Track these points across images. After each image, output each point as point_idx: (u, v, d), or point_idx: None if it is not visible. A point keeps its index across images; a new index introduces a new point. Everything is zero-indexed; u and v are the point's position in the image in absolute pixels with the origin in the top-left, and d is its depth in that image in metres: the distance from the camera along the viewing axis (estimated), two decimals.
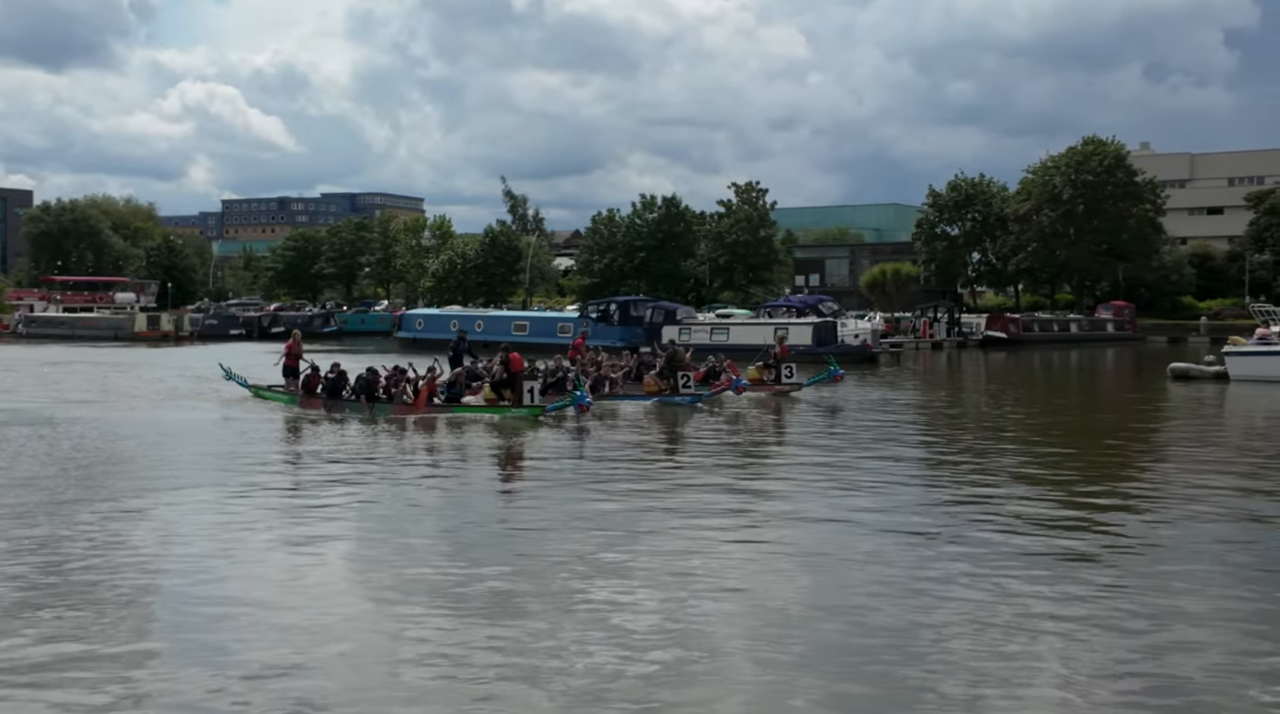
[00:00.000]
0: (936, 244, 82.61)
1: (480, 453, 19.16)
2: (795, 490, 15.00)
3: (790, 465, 17.29)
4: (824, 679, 7.52)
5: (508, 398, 23.38)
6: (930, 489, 15.52)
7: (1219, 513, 13.39)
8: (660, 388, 26.42)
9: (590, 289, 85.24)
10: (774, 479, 16.12)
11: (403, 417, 22.93)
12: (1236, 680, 7.38)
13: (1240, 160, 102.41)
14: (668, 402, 25.74)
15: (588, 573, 10.25)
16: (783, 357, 30.60)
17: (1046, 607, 9.10)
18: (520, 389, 23.14)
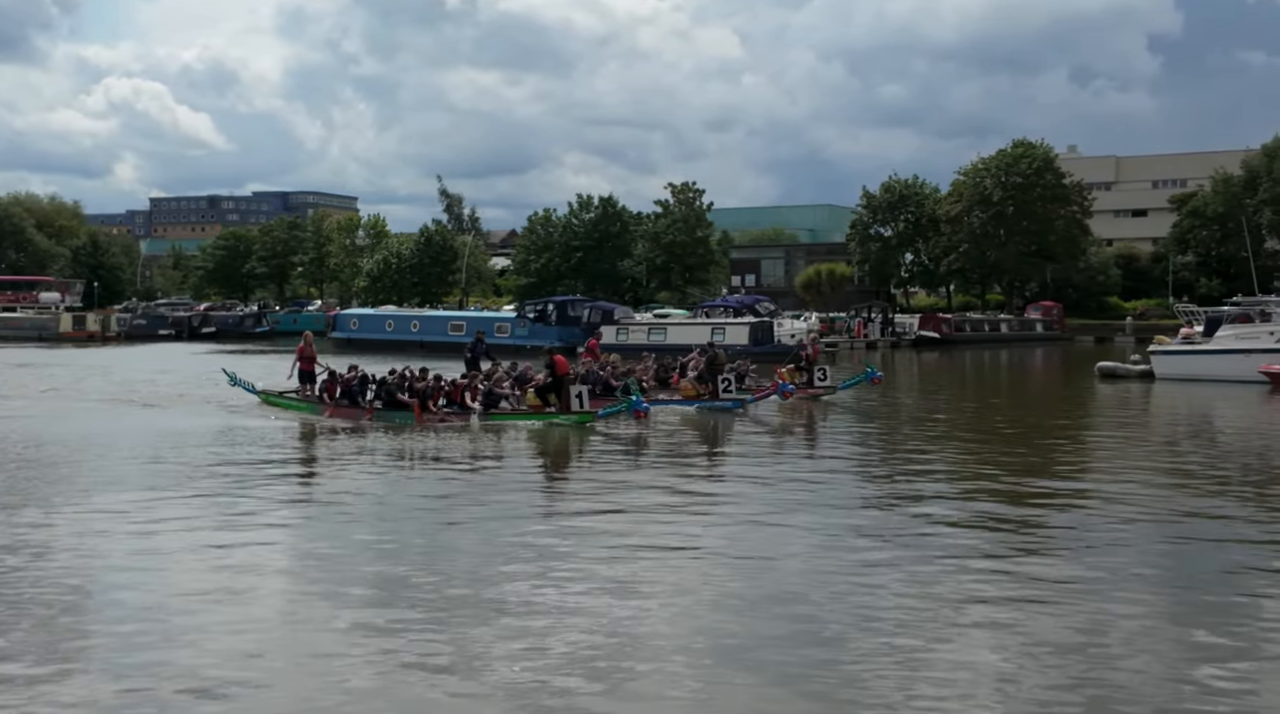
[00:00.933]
0: (870, 245, 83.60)
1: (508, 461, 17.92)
2: (732, 493, 15.09)
3: (732, 470, 17.37)
4: (760, 678, 7.58)
5: (554, 404, 21.95)
6: (864, 487, 15.70)
7: (1146, 510, 13.70)
8: (699, 392, 24.80)
9: (527, 289, 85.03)
10: (728, 483, 16.19)
11: (434, 424, 21.30)
12: (1164, 673, 7.55)
13: (1164, 163, 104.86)
14: (708, 407, 24.28)
15: (538, 578, 10.21)
16: (814, 358, 28.56)
17: (981, 608, 9.24)
18: (567, 394, 21.62)
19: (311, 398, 23.84)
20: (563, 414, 21.46)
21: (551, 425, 21.19)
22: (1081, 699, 7.08)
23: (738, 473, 16.65)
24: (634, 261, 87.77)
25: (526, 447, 19.37)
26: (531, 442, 19.83)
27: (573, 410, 21.43)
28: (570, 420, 21.23)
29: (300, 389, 24.34)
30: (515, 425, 21.22)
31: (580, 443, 19.68)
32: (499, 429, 20.85)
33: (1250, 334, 34.16)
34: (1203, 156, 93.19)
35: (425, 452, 18.75)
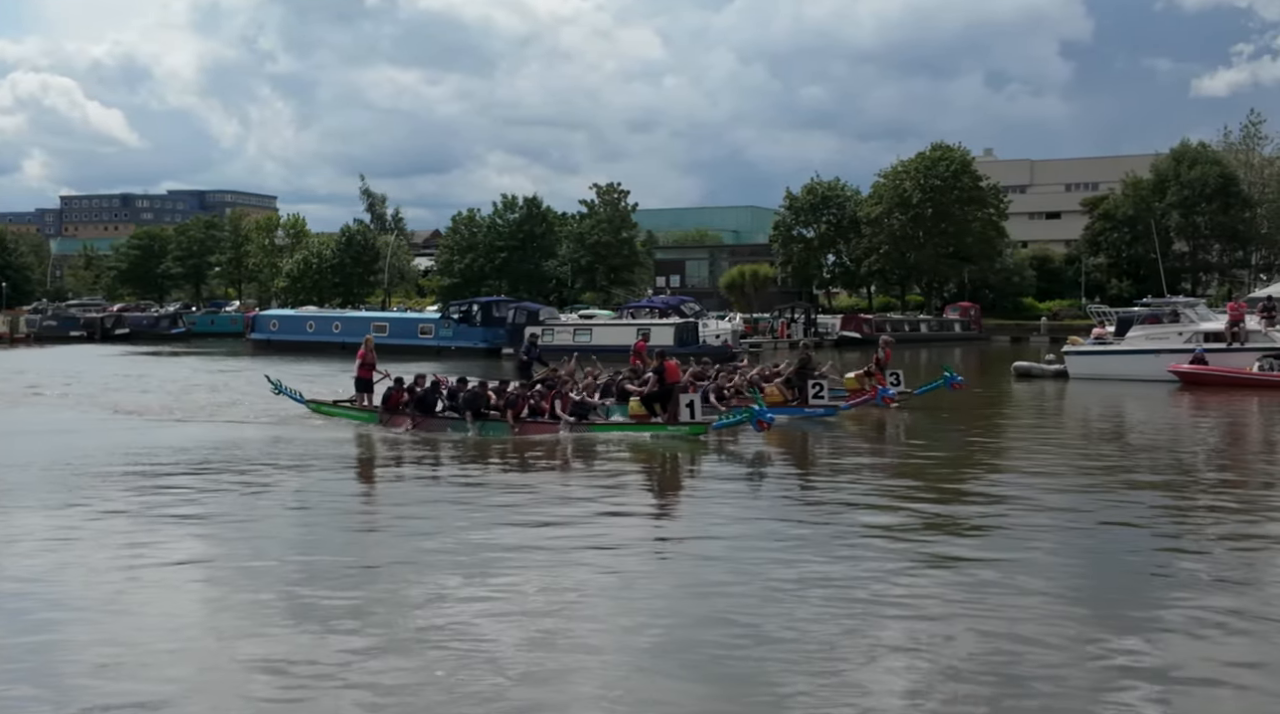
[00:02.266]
0: (793, 246, 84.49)
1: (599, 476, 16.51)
2: (662, 507, 15.16)
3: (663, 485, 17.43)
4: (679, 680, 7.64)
5: (661, 414, 20.02)
6: (782, 487, 15.87)
7: (1060, 507, 14.06)
8: (786, 398, 22.64)
9: (451, 289, 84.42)
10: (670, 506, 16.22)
11: (531, 436, 19.59)
12: (1075, 670, 7.74)
13: (1076, 167, 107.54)
14: (800, 416, 22.33)
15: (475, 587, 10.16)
16: (887, 362, 26.38)
17: (896, 605, 9.41)
18: (677, 403, 19.68)
19: (371, 408, 21.91)
20: (671, 425, 19.66)
21: (658, 438, 19.46)
22: (1001, 694, 7.26)
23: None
24: (559, 262, 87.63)
25: (634, 461, 17.90)
26: (639, 456, 18.32)
27: (682, 421, 19.58)
28: (681, 432, 19.43)
29: (357, 398, 22.37)
30: (613, 437, 19.56)
31: (693, 457, 18.26)
32: (596, 442, 19.20)
33: (1160, 335, 35.18)
34: (1113, 160, 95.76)
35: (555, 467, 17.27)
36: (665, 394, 20.05)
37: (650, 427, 19.92)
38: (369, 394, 22.04)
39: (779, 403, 22.03)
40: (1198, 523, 13.02)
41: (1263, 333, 33.51)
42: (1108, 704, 7.04)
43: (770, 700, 7.18)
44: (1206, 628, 8.61)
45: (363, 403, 22.16)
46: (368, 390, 22.06)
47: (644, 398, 20.32)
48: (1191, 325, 35.01)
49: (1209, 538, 12.11)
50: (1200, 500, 14.42)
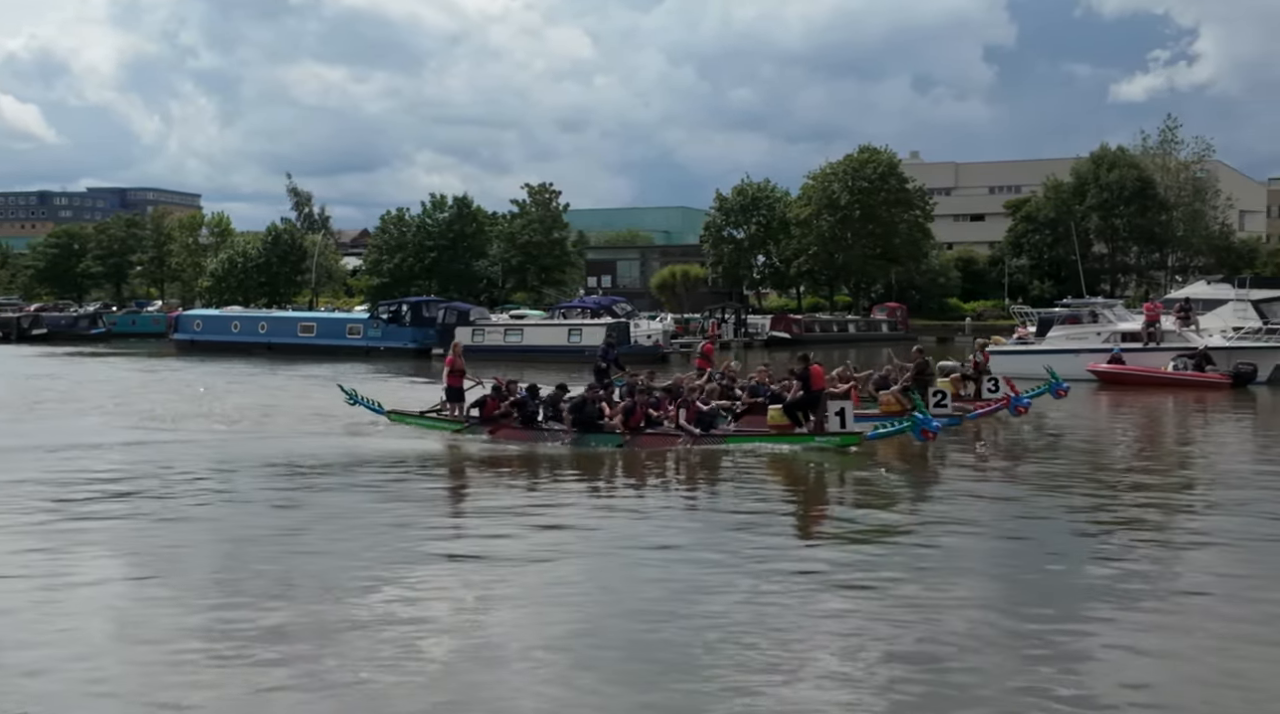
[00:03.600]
0: (723, 247, 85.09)
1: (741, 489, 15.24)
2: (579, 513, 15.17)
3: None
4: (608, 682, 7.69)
5: (806, 423, 18.29)
6: (710, 486, 15.97)
7: (983, 505, 14.36)
8: (905, 407, 20.67)
9: (380, 289, 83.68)
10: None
11: (651, 448, 18.08)
12: (998, 668, 7.93)
13: (1000, 170, 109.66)
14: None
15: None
16: (984, 366, 24.71)
17: (823, 602, 9.55)
18: (823, 410, 18.13)
19: (462, 418, 20.22)
20: (819, 435, 18.02)
21: (805, 449, 17.75)
22: (920, 696, 7.42)
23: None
24: (490, 262, 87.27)
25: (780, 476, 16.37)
26: (783, 470, 16.73)
27: (830, 431, 18.02)
28: (831, 443, 17.82)
29: (449, 408, 20.60)
30: (748, 449, 17.90)
31: (848, 470, 16.73)
32: (728, 454, 17.60)
33: (1079, 335, 36.02)
34: (1035, 163, 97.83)
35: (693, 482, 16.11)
36: (811, 401, 18.26)
37: (794, 438, 18.07)
38: (460, 403, 20.46)
39: (896, 412, 20.37)
40: (1114, 521, 13.36)
41: (1177, 333, 34.45)
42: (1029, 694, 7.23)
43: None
44: (1124, 628, 8.86)
45: (454, 413, 20.44)
46: (459, 399, 20.48)
47: (787, 406, 18.37)
48: (1109, 326, 35.90)
49: (1125, 535, 12.45)
50: (1116, 499, 14.79)
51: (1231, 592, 9.83)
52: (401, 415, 21.10)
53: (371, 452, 18.37)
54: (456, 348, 21.51)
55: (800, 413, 18.28)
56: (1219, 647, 8.24)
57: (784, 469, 16.74)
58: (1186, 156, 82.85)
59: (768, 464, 16.96)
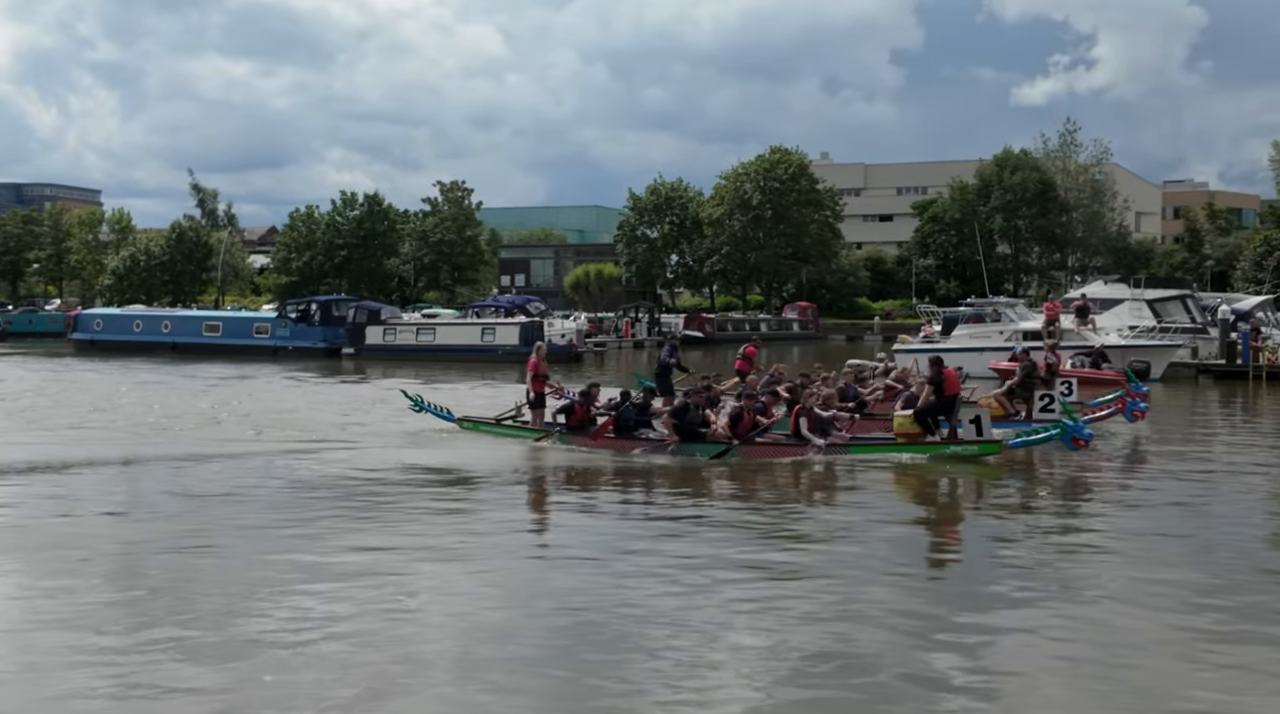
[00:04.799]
0: (637, 246, 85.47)
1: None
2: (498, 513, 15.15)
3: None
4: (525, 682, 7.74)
5: (937, 431, 17.03)
6: (617, 486, 16.08)
7: (885, 504, 14.70)
8: (1010, 412, 19.35)
9: (288, 288, 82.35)
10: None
11: (765, 459, 16.72)
12: (905, 663, 8.15)
13: (907, 172, 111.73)
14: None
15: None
16: (1056, 372, 22.90)
17: (738, 597, 9.70)
18: (955, 416, 16.88)
19: (545, 426, 18.93)
20: (954, 444, 16.68)
21: (939, 459, 16.49)
22: (840, 685, 7.60)
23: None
24: (401, 260, 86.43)
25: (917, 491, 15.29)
26: (915, 482, 15.69)
27: (966, 439, 16.60)
28: (969, 452, 16.46)
29: (532, 415, 19.37)
30: (873, 459, 16.57)
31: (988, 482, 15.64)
32: (855, 465, 16.28)
33: (983, 333, 36.90)
34: (941, 165, 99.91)
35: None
36: (945, 407, 16.98)
37: (925, 447, 16.78)
38: (541, 410, 19.34)
39: (1001, 416, 18.86)
40: (1011, 518, 13.77)
41: (1076, 332, 35.49)
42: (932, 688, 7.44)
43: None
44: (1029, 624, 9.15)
45: (536, 421, 19.21)
46: (541, 406, 19.35)
47: (918, 413, 17.10)
48: (1011, 324, 36.84)
49: (1024, 529, 12.85)
50: (1013, 497, 15.23)
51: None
52: (475, 423, 19.83)
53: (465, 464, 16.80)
54: (540, 351, 20.08)
55: (931, 419, 17.02)
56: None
57: (919, 480, 15.75)
58: (1085, 159, 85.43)
59: (902, 476, 15.93)
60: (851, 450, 16.82)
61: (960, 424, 16.77)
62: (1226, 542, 11.85)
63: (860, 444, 17.13)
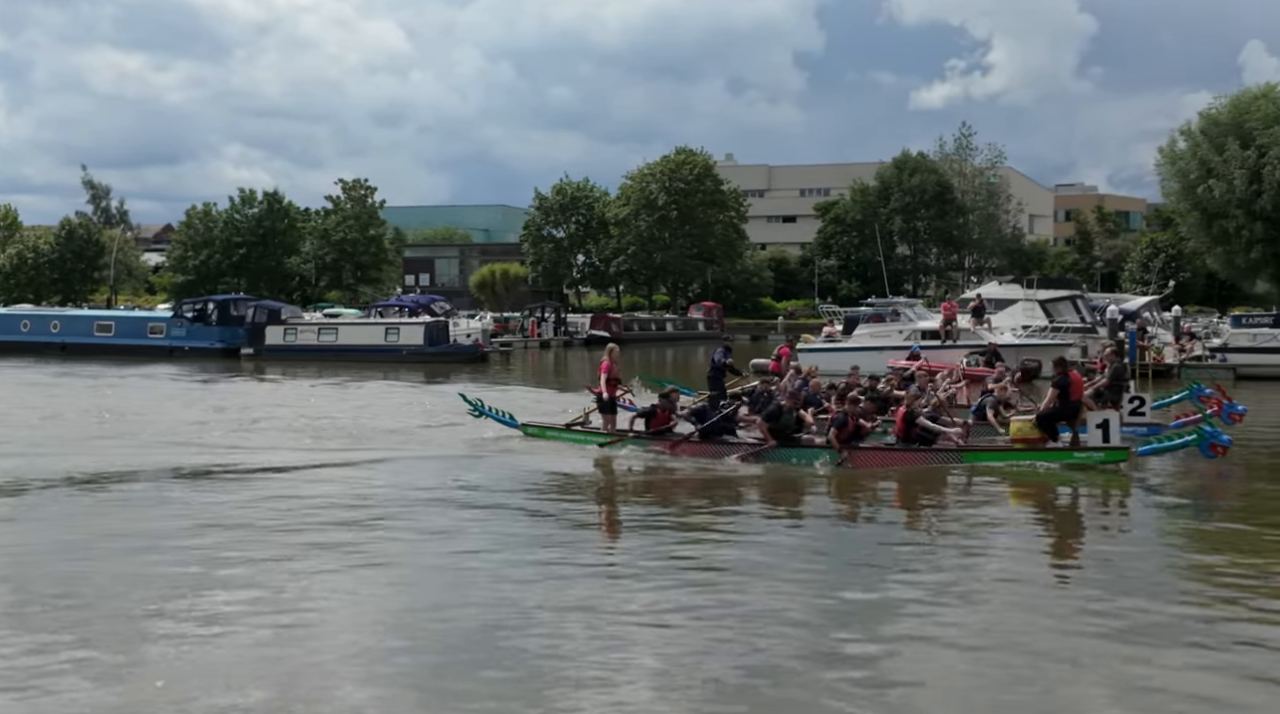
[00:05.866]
0: (543, 246, 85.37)
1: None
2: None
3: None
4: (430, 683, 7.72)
5: (1059, 438, 16.09)
6: (519, 483, 16.09)
7: (802, 505, 14.92)
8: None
9: (185, 287, 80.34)
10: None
11: (871, 467, 15.81)
12: (815, 667, 8.30)
13: (810, 173, 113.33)
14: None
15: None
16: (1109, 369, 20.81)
17: (644, 601, 9.79)
18: (1077, 421, 15.99)
19: (619, 431, 17.96)
20: (1079, 450, 15.81)
21: (1064, 467, 15.62)
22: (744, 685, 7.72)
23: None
24: (302, 259, 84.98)
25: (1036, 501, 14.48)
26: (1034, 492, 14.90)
27: (1092, 445, 15.74)
28: (1093, 460, 15.56)
29: (605, 420, 18.36)
30: (988, 467, 15.74)
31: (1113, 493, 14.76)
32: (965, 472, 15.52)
33: (882, 333, 37.65)
34: (843, 167, 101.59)
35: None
36: (1071, 412, 16.10)
37: (1047, 454, 15.92)
38: (613, 416, 18.43)
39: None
40: (916, 517, 14.09)
41: (971, 331, 36.42)
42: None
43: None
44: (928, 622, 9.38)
45: (608, 426, 18.21)
46: (613, 411, 18.43)
47: (1040, 417, 16.15)
48: (910, 324, 37.67)
49: (929, 527, 13.16)
50: (919, 495, 15.57)
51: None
52: (541, 429, 18.84)
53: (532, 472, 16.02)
54: (613, 353, 19.01)
55: (1054, 425, 16.12)
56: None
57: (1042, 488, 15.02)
58: (981, 163, 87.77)
59: (1025, 486, 15.14)
60: (965, 457, 15.93)
61: (1085, 429, 15.94)
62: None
63: (975, 450, 16.21)
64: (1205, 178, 60.25)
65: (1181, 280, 66.36)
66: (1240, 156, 59.02)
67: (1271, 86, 62.41)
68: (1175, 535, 12.58)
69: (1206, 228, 62.41)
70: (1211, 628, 8.56)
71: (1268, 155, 58.29)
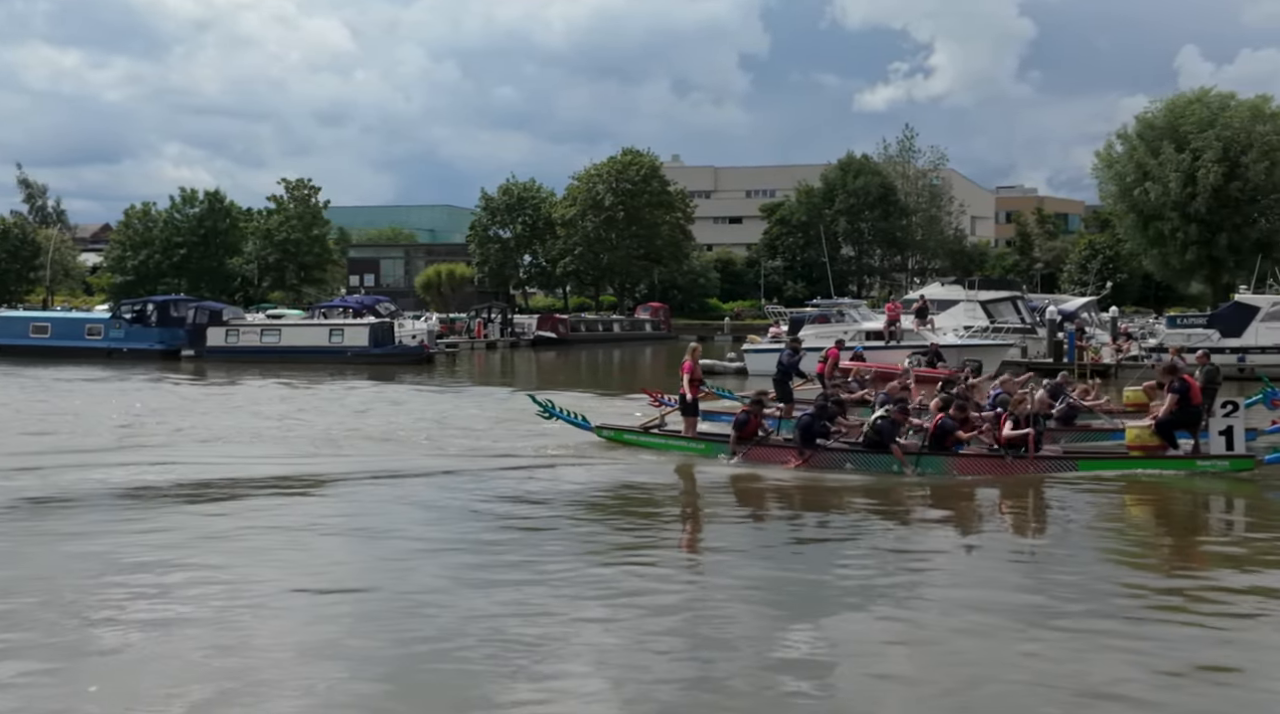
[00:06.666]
0: (490, 246, 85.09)
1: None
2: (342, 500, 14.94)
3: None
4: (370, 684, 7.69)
5: (1178, 445, 15.38)
6: (472, 480, 16.04)
7: (747, 502, 15.02)
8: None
9: (124, 288, 79.07)
10: None
11: (979, 475, 15.14)
12: (760, 669, 8.36)
13: (756, 175, 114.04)
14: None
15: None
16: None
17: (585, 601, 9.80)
18: (1198, 428, 15.35)
19: (701, 436, 17.28)
20: (1200, 458, 15.22)
21: (1188, 475, 15.01)
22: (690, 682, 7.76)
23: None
24: (244, 259, 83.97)
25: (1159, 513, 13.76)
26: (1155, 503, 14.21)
27: (1214, 453, 15.05)
28: (1218, 467, 14.99)
29: (686, 423, 17.65)
30: (1103, 475, 15.03)
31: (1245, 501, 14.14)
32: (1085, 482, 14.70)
33: (828, 333, 37.90)
34: (789, 169, 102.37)
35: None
36: (1192, 418, 15.53)
37: (1167, 462, 15.27)
38: (695, 418, 17.72)
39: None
40: (856, 520, 14.23)
41: (915, 331, 36.85)
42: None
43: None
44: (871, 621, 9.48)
45: (689, 430, 17.54)
46: (695, 413, 17.71)
47: (1160, 424, 15.47)
48: (855, 324, 38.03)
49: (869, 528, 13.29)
50: (857, 498, 15.72)
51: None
52: (618, 432, 18.15)
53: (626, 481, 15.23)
54: (695, 353, 18.26)
55: (1173, 432, 15.50)
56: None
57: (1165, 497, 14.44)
58: (923, 165, 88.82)
59: (1146, 494, 14.53)
60: (1081, 465, 15.23)
61: (1206, 435, 15.37)
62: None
63: (1089, 457, 15.64)
64: (1141, 181, 61.58)
65: (1119, 281, 67.65)
66: (1175, 160, 60.37)
67: (1206, 91, 63.97)
68: None
69: (1143, 230, 63.79)
70: None
71: (1202, 159, 59.70)
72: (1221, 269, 63.07)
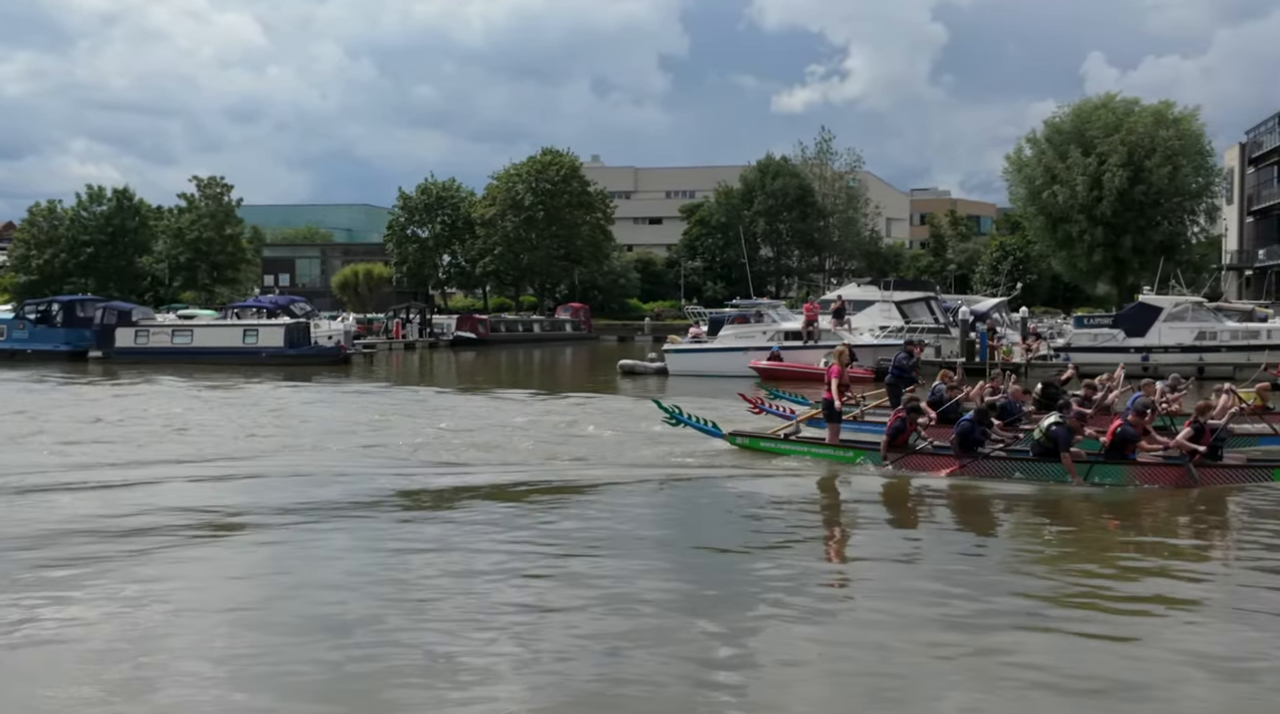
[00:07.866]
0: (408, 246, 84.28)
1: None
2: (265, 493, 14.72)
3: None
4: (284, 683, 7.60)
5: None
6: (396, 478, 15.91)
7: (664, 493, 15.09)
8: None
9: (28, 287, 76.88)
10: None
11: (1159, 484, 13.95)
12: (683, 663, 8.43)
13: (676, 176, 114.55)
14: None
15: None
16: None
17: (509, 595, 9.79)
18: None
19: (845, 442, 16.30)
20: None
21: None
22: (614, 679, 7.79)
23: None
24: (155, 259, 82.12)
25: None
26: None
27: None
28: None
29: (830, 430, 16.66)
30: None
31: None
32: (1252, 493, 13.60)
33: (747, 333, 38.33)
34: (708, 170, 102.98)
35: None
36: None
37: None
38: (837, 424, 16.77)
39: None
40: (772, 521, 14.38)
41: (832, 331, 37.34)
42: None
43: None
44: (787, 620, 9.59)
45: (832, 436, 16.58)
46: (837, 419, 16.76)
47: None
48: (774, 325, 38.42)
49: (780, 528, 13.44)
50: (777, 493, 15.89)
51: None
52: (753, 439, 17.00)
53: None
54: (842, 356, 17.06)
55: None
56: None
57: None
58: (840, 167, 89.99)
59: None
60: (1276, 475, 13.97)
61: None
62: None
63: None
64: (1050, 184, 63.14)
65: (1028, 282, 69.21)
66: (1082, 164, 62.03)
67: (1111, 96, 65.82)
68: None
69: (1051, 232, 65.40)
70: None
71: (1107, 163, 61.42)
72: (1126, 270, 64.85)
